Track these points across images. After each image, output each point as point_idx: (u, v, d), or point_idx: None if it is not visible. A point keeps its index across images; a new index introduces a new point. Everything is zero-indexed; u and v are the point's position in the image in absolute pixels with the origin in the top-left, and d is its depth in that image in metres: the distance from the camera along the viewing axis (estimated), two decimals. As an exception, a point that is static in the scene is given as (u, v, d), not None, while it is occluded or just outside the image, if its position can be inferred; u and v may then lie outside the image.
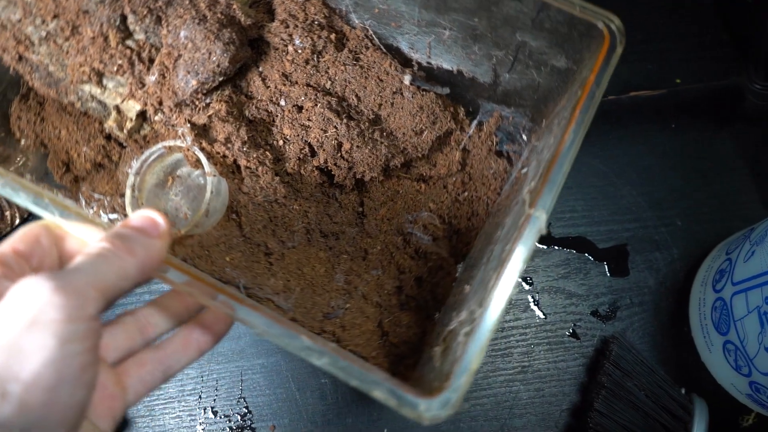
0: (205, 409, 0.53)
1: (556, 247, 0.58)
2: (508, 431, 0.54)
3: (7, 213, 0.52)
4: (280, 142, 0.46)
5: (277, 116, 0.45)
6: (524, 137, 0.50)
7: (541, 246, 0.58)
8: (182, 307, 0.34)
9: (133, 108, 0.43)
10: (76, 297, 0.22)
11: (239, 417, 0.53)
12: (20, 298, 0.22)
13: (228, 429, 0.53)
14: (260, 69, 0.46)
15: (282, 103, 0.46)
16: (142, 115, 0.44)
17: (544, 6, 0.36)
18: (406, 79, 0.45)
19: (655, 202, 0.59)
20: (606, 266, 0.57)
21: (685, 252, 0.58)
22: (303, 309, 0.44)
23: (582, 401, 0.54)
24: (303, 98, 0.45)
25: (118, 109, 0.43)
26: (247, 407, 0.53)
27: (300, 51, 0.45)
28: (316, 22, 0.46)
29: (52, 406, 0.21)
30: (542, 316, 0.56)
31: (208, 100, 0.43)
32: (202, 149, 0.41)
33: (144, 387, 0.32)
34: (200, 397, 0.53)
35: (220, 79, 0.42)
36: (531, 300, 0.57)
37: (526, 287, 0.57)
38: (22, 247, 0.27)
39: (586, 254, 0.58)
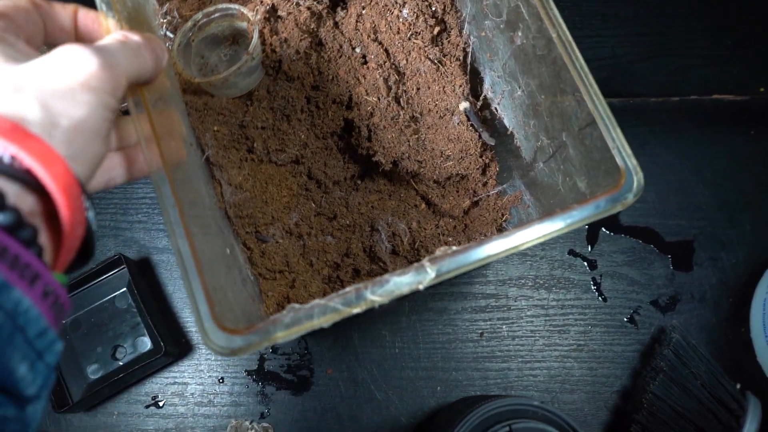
0: None
1: (622, 235, 0.60)
2: (558, 404, 0.56)
3: None
4: (329, 77, 0.47)
5: (343, 55, 0.47)
6: (528, 232, 0.49)
7: (608, 232, 0.60)
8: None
9: (242, -35, 0.46)
10: (115, 79, 0.27)
11: (298, 356, 0.56)
12: (73, 61, 0.26)
13: (286, 366, 0.56)
14: (363, 11, 0.47)
15: (357, 50, 0.47)
16: (246, -24, 0.47)
17: (593, 122, 0.34)
18: (461, 106, 0.45)
19: (726, 204, 0.60)
20: (670, 259, 0.59)
21: (750, 255, 0.59)
22: (239, 210, 0.46)
23: (633, 386, 0.56)
24: (373, 57, 0.46)
25: (233, -42, 0.46)
26: (307, 348, 0.56)
27: (400, 20, 0.46)
28: (432, 8, 0.47)
29: (88, 148, 0.26)
30: (602, 299, 0.58)
31: (300, 1, 0.45)
32: (261, 33, 0.44)
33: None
34: None
35: (319, -8, 0.44)
36: (592, 282, 0.58)
37: (589, 270, 0.59)
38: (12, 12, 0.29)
39: (652, 245, 0.60)
